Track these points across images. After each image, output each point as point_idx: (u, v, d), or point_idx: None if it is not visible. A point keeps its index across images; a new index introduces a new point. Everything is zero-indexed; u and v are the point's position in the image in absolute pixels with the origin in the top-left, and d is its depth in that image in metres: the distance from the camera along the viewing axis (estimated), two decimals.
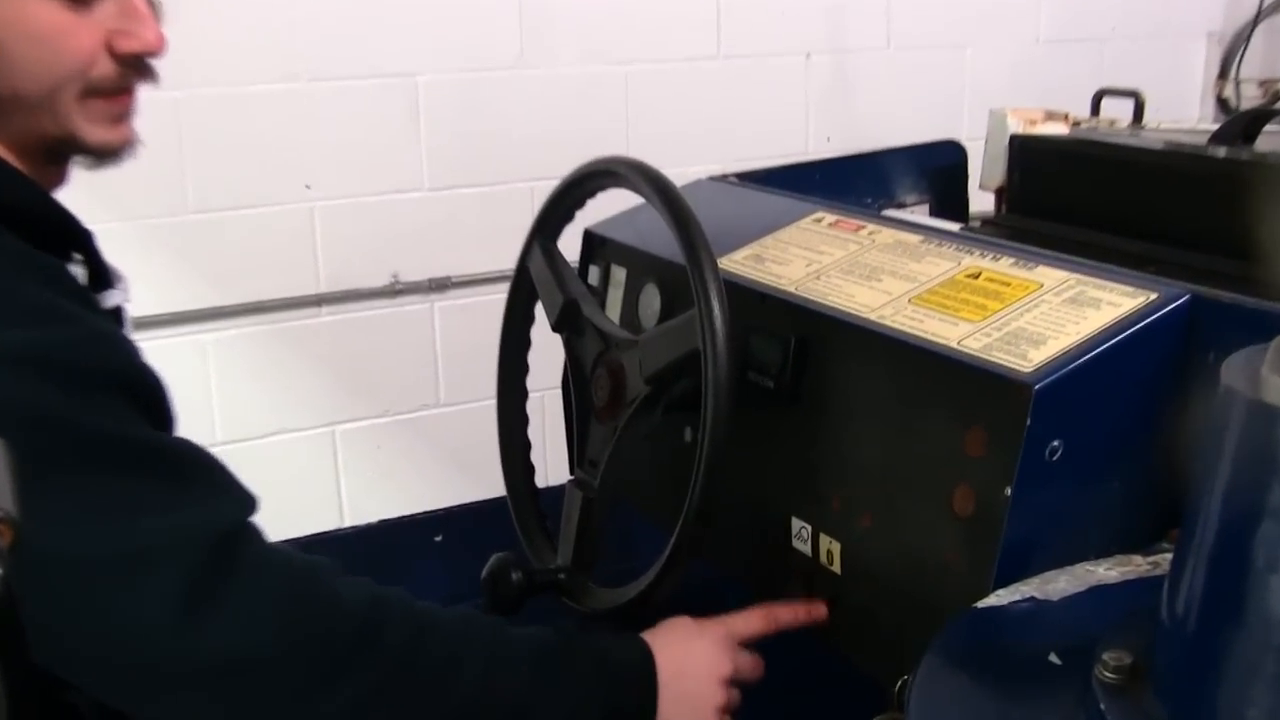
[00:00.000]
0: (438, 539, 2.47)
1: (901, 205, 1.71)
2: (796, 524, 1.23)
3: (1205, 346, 1.00)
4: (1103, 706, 0.75)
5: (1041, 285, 1.11)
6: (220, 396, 2.29)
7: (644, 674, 1.12)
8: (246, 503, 0.97)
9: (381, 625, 1.00)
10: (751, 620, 1.20)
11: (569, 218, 1.38)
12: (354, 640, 0.97)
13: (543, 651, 1.08)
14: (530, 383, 1.46)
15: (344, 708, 0.95)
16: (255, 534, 0.96)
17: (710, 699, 1.14)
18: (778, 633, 1.21)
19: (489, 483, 1.53)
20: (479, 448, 1.63)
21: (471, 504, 2.46)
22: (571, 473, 1.32)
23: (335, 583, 0.99)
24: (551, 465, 1.56)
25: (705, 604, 2.05)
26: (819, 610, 1.19)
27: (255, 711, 0.92)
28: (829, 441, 1.18)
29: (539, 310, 1.41)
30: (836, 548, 1.18)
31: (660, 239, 1.34)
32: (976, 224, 1.57)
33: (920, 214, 1.68)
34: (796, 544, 1.23)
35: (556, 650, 1.09)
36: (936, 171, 1.75)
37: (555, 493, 1.34)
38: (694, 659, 1.14)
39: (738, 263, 1.34)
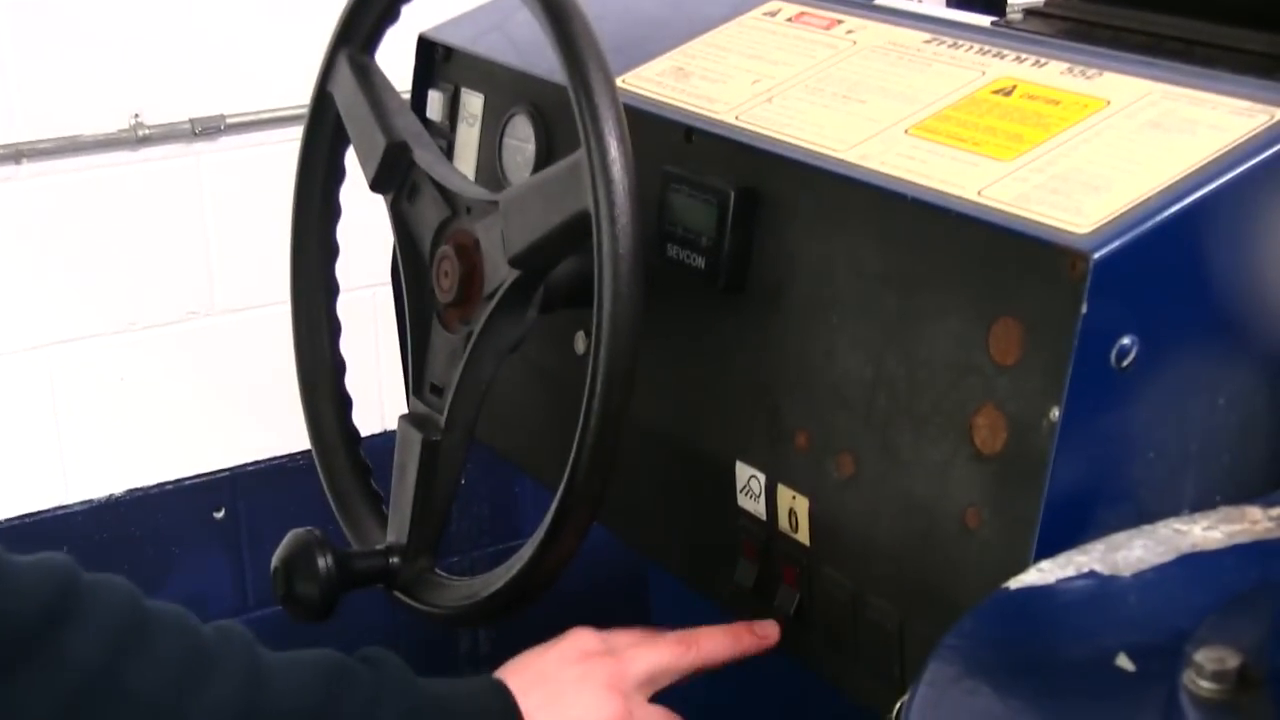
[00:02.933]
0: (218, 514, 2.49)
1: None
2: (744, 473, 1.23)
3: None
4: None
5: (1108, 103, 1.12)
6: None
7: None
8: None
9: (64, 623, 1.02)
10: (667, 653, 1.23)
11: (391, 16, 1.37)
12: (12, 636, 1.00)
13: (318, 715, 1.10)
14: (343, 273, 1.46)
15: None
16: None
17: None
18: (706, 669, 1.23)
19: (289, 430, 1.52)
20: (272, 375, 1.62)
21: (266, 463, 2.47)
22: (408, 406, 1.32)
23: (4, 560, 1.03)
24: (378, 398, 1.56)
25: (605, 603, 2.07)
26: (766, 632, 1.22)
27: None
28: (788, 349, 1.18)
29: (350, 161, 1.40)
30: (803, 506, 1.18)
31: (535, 48, 1.33)
32: (1018, 15, 1.55)
33: (933, 2, 1.68)
34: (744, 502, 1.23)
35: (349, 703, 1.11)
36: None
37: (385, 440, 1.33)
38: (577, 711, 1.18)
39: (650, 80, 1.34)
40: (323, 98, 1.39)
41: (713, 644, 1.23)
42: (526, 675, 1.19)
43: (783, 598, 1.21)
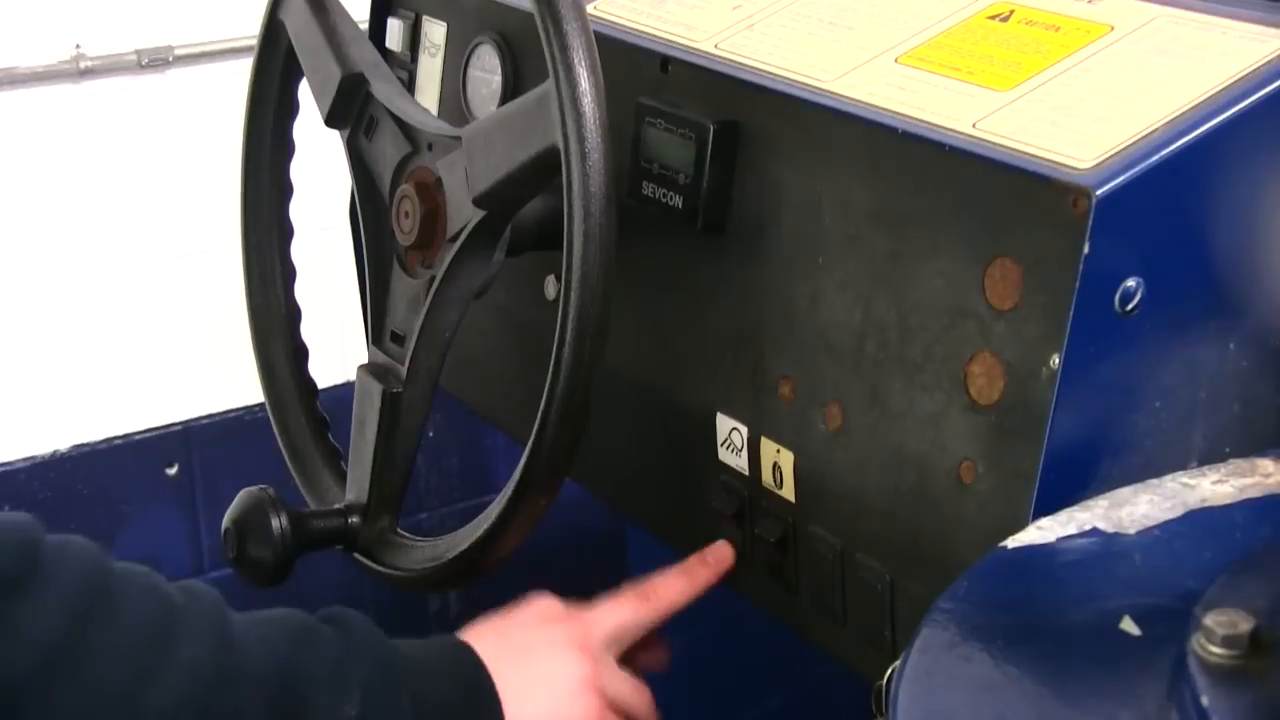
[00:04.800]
0: (170, 471, 2.49)
1: None
2: (725, 425, 1.23)
3: None
4: (1205, 700, 0.75)
5: (1111, 28, 1.12)
6: None
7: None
8: None
9: (22, 594, 1.02)
10: (628, 609, 1.25)
11: None
12: None
13: (288, 676, 1.10)
14: (297, 213, 1.46)
15: None
16: None
17: None
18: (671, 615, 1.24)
19: (246, 380, 1.52)
20: (228, 322, 1.61)
21: (222, 415, 2.47)
22: (368, 356, 1.32)
23: None
24: (338, 348, 1.56)
25: (582, 563, 2.07)
26: (720, 555, 1.24)
27: None
28: (771, 292, 1.18)
29: (304, 94, 1.39)
30: (788, 461, 1.18)
31: None
32: None
33: None
34: (725, 456, 1.23)
35: (317, 663, 1.11)
36: None
37: (345, 392, 1.34)
38: (551, 683, 1.19)
39: (624, 6, 1.35)
40: (273, 26, 1.39)
41: (670, 589, 1.25)
42: (489, 637, 1.20)
43: (767, 557, 1.21)
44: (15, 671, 1.02)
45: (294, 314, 1.45)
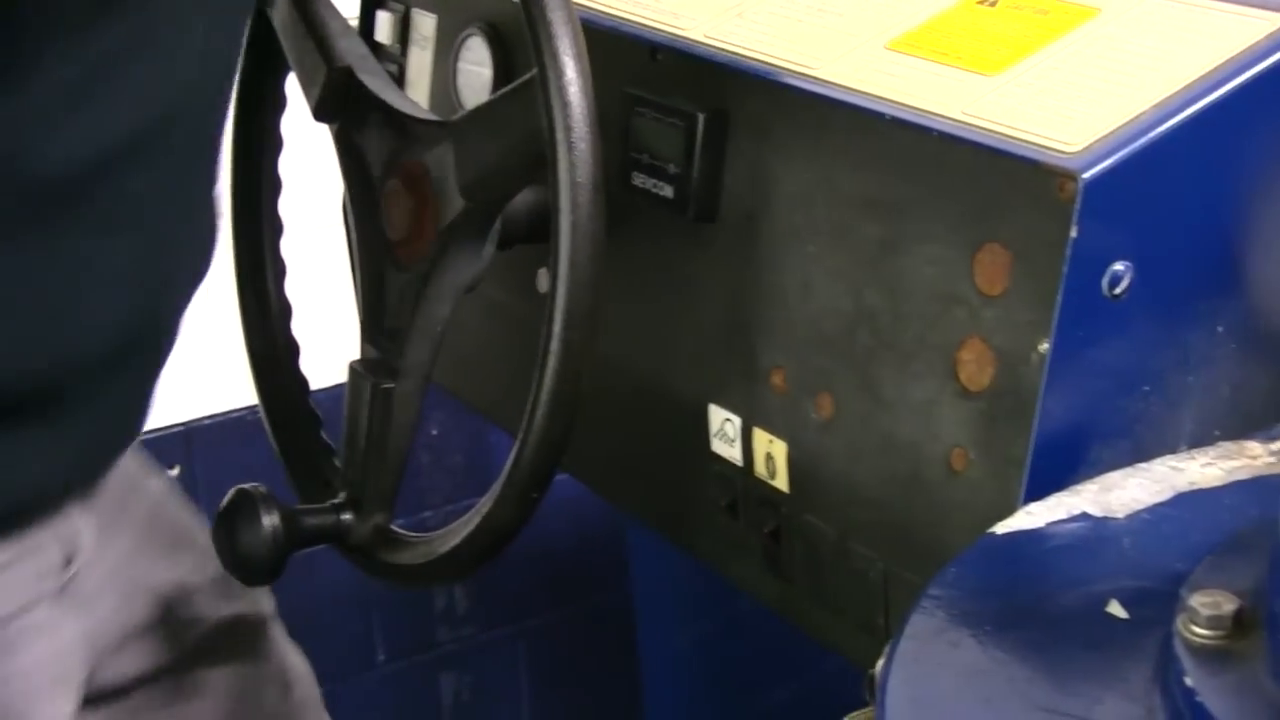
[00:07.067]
0: (172, 472, 2.49)
1: None
2: (718, 416, 1.23)
3: None
4: (1189, 680, 0.75)
5: (1100, 11, 1.12)
6: None
7: None
8: None
9: None
10: None
11: None
12: None
13: None
14: (286, 209, 1.45)
15: None
16: None
17: None
18: None
19: (249, 380, 1.51)
20: (231, 321, 1.61)
21: (224, 416, 2.46)
22: (361, 352, 1.32)
23: None
24: (331, 346, 1.55)
25: (583, 557, 2.06)
26: None
27: None
28: (762, 282, 1.19)
29: (291, 87, 1.38)
30: (781, 450, 1.18)
31: None
32: None
33: None
34: (718, 446, 1.24)
35: None
36: None
37: (339, 393, 1.33)
38: None
39: None
40: (259, 19, 1.37)
41: None
42: None
43: (761, 547, 1.21)
44: None
45: (285, 310, 1.45)
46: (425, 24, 1.49)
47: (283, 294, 1.45)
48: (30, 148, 1.06)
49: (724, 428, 1.23)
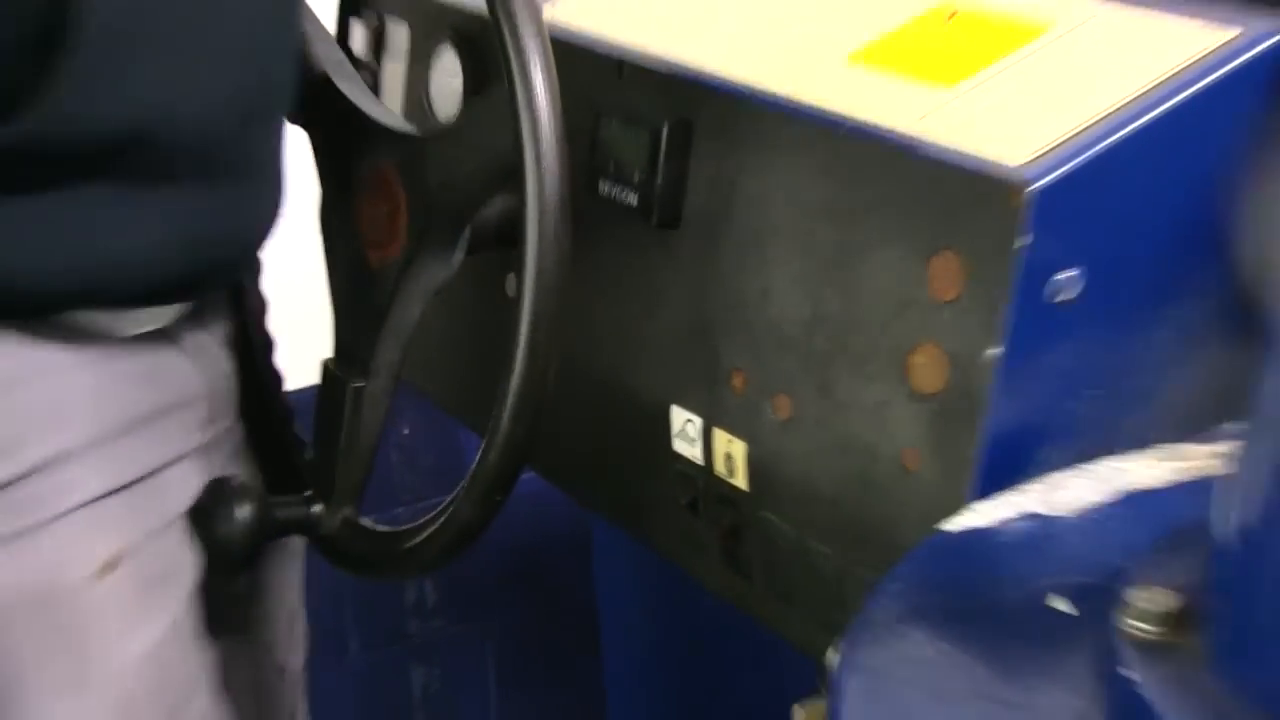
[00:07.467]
0: None
1: None
2: (679, 416, 1.24)
3: None
4: (1127, 674, 0.76)
5: (1053, 24, 1.12)
6: None
7: None
8: None
9: None
10: None
11: None
12: None
13: None
14: None
15: None
16: None
17: None
18: None
19: None
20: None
21: None
22: (333, 350, 1.33)
23: None
24: (304, 342, 1.55)
25: (548, 553, 2.07)
26: None
27: None
28: (723, 287, 1.19)
29: None
30: (740, 450, 1.19)
31: None
32: None
33: None
34: (679, 446, 1.24)
35: None
36: None
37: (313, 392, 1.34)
38: None
39: (579, 11, 1.34)
40: None
41: None
42: None
43: (721, 544, 1.22)
44: None
45: (258, 310, 1.43)
46: (398, 35, 1.48)
47: (256, 293, 1.43)
48: None
49: (685, 428, 1.23)
